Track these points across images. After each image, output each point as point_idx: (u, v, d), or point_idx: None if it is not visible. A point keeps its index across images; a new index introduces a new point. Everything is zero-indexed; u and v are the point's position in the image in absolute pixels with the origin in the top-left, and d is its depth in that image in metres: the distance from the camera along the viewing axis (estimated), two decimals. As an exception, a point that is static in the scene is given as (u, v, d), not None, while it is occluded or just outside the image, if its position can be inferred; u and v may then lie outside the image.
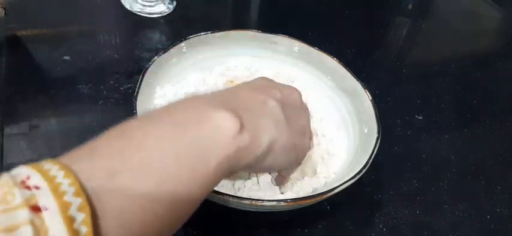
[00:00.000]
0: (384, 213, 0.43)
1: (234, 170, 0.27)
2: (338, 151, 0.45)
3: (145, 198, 0.20)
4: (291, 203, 0.34)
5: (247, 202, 0.34)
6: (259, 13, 0.74)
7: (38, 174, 0.18)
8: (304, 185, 0.41)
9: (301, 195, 0.39)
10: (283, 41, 0.52)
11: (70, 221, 0.17)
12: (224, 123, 0.25)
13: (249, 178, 0.39)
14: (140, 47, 0.60)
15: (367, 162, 0.38)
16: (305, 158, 0.40)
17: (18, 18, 0.61)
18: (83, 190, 0.18)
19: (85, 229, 0.17)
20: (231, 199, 0.33)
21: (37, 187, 0.17)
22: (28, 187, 0.17)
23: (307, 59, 0.51)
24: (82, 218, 0.17)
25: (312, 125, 0.45)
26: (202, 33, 0.49)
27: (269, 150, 0.28)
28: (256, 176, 0.40)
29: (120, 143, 0.22)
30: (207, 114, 0.25)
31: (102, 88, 0.51)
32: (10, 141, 0.42)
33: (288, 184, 0.40)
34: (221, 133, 0.24)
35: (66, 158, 0.20)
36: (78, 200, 0.18)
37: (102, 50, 0.58)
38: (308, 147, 0.36)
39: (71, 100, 0.50)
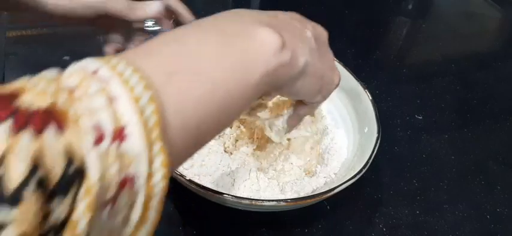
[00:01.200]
0: (384, 213, 0.43)
1: (272, 87, 0.28)
2: (338, 151, 0.45)
3: (199, 100, 0.22)
4: (291, 203, 0.34)
5: (246, 202, 0.34)
6: (259, 13, 0.74)
7: (107, 67, 0.19)
8: (304, 186, 0.41)
9: (301, 195, 0.39)
10: None
11: (141, 111, 0.18)
12: (268, 39, 0.26)
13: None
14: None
15: (367, 162, 0.38)
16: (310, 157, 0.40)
17: (18, 18, 0.61)
18: (151, 85, 0.19)
19: (154, 119, 0.19)
20: (230, 198, 0.33)
21: (109, 79, 0.18)
22: (100, 79, 0.18)
23: None
24: (152, 109, 0.19)
25: (316, 125, 0.45)
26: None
27: (303, 72, 0.30)
28: (257, 175, 0.40)
29: (175, 47, 0.23)
30: (253, 28, 0.26)
31: (102, 88, 0.51)
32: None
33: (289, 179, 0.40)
34: (266, 47, 0.26)
35: (125, 57, 0.21)
36: (148, 93, 0.19)
37: (102, 50, 0.58)
38: (336, 81, 0.37)
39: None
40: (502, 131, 0.57)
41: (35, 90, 0.17)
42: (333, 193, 0.35)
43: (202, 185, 0.34)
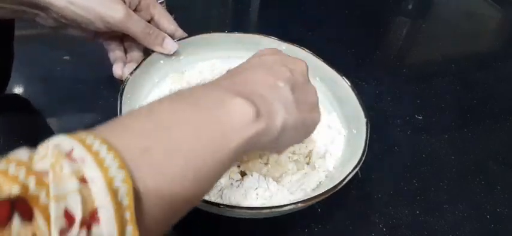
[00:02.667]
0: (383, 213, 0.43)
1: (251, 151, 0.29)
2: (332, 145, 0.45)
3: (175, 174, 0.22)
4: (308, 203, 0.34)
5: (266, 211, 0.34)
6: (259, 13, 0.74)
7: (81, 147, 0.19)
8: (307, 179, 0.41)
9: (308, 192, 0.39)
10: (265, 41, 0.51)
11: (114, 192, 0.18)
12: (242, 110, 0.26)
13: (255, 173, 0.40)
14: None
15: (364, 149, 0.38)
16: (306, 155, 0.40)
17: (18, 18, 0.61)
18: (125, 165, 0.19)
19: (127, 200, 0.18)
20: (247, 210, 0.34)
21: (83, 160, 0.18)
22: (74, 160, 0.18)
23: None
24: (125, 190, 0.18)
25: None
26: (185, 37, 0.49)
27: (281, 131, 0.30)
28: (242, 180, 0.40)
29: (149, 122, 0.23)
30: (225, 99, 0.26)
31: (102, 88, 0.51)
32: (10, 141, 0.42)
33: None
34: (240, 118, 0.26)
35: (100, 133, 0.21)
36: (122, 173, 0.19)
37: (102, 50, 0.58)
38: (317, 120, 0.37)
39: (71, 100, 0.50)
40: (502, 131, 0.57)
41: (5, 175, 0.16)
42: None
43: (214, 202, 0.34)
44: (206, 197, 0.36)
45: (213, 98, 0.27)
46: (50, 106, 0.49)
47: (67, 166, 0.18)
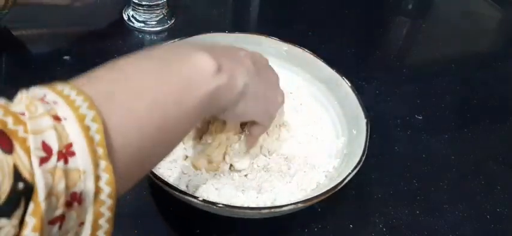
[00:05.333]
0: (384, 213, 0.43)
1: (214, 109, 0.30)
2: (329, 143, 0.45)
3: (140, 120, 0.23)
4: (308, 203, 0.34)
5: (266, 211, 0.34)
6: (259, 13, 0.74)
7: (52, 92, 0.20)
8: (307, 179, 0.41)
9: (308, 191, 0.39)
10: (266, 42, 0.51)
11: (86, 129, 0.19)
12: (204, 62, 0.28)
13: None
14: (140, 46, 0.60)
15: (364, 148, 0.39)
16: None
17: (18, 18, 0.61)
18: (94, 105, 0.20)
19: (99, 136, 0.19)
20: (250, 211, 0.34)
21: (55, 102, 0.19)
22: (47, 102, 0.19)
23: (287, 57, 0.51)
24: (96, 127, 0.19)
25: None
26: (183, 38, 0.49)
27: (243, 93, 0.31)
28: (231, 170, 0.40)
29: (113, 74, 0.24)
30: (189, 53, 0.28)
31: (102, 88, 0.51)
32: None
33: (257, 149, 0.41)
34: (202, 70, 0.27)
35: (68, 83, 0.22)
36: (92, 113, 0.20)
37: (102, 50, 0.58)
38: (281, 102, 0.39)
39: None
40: (502, 131, 0.57)
41: None
42: (344, 183, 0.35)
43: (217, 202, 0.34)
44: (206, 197, 0.36)
45: (177, 52, 0.28)
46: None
47: (41, 106, 0.19)
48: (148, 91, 0.24)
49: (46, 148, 0.18)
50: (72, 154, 0.18)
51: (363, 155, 0.38)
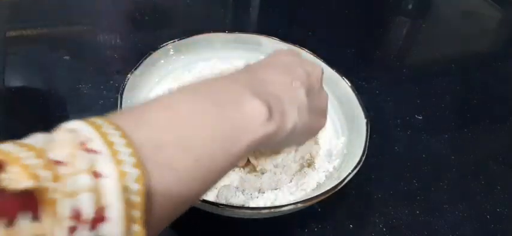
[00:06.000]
0: (384, 213, 0.43)
1: (257, 149, 0.29)
2: (332, 146, 0.45)
3: (185, 172, 0.22)
4: (309, 203, 0.34)
5: (266, 211, 0.34)
6: (259, 13, 0.74)
7: (98, 137, 0.18)
8: (307, 179, 0.40)
9: (308, 191, 0.39)
10: (266, 42, 0.51)
11: (126, 190, 0.18)
12: (256, 110, 0.27)
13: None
14: (140, 46, 0.60)
15: (364, 148, 0.38)
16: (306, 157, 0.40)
17: (18, 18, 0.61)
18: (141, 163, 0.19)
19: (138, 199, 0.18)
20: (250, 211, 0.34)
21: (98, 152, 0.18)
22: (90, 150, 0.18)
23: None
24: (137, 189, 0.18)
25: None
26: (183, 38, 0.49)
27: (290, 133, 0.30)
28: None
29: (167, 115, 0.23)
30: (242, 98, 0.27)
31: (102, 88, 0.51)
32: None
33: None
34: (253, 119, 0.26)
35: (118, 120, 0.21)
36: (137, 172, 0.18)
37: (102, 50, 0.58)
38: (323, 125, 0.37)
39: (71, 100, 0.50)
40: (502, 131, 0.57)
41: (19, 163, 0.16)
42: (344, 183, 0.35)
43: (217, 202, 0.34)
44: (206, 197, 0.36)
45: (230, 95, 0.27)
46: (50, 106, 0.49)
47: (82, 159, 0.17)
48: (198, 142, 0.23)
49: (77, 215, 0.16)
50: (105, 219, 0.17)
51: (363, 155, 0.38)
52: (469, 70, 0.69)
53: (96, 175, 0.17)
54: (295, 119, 0.30)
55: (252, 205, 0.38)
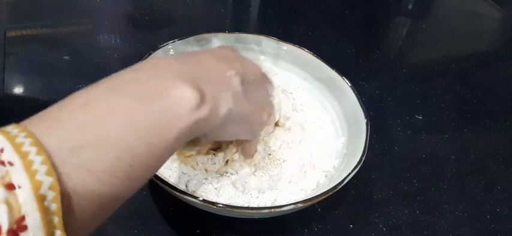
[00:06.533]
0: (384, 213, 0.43)
1: (189, 139, 0.28)
2: (328, 144, 0.45)
3: (104, 173, 0.21)
4: (309, 203, 0.34)
5: (266, 211, 0.34)
6: (259, 13, 0.74)
7: (11, 147, 0.18)
8: (307, 179, 0.41)
9: (308, 191, 0.39)
10: (266, 42, 0.51)
11: (41, 199, 0.18)
12: (184, 97, 0.26)
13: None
14: (140, 46, 0.60)
15: (364, 148, 0.39)
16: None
17: (18, 18, 0.61)
18: (54, 169, 0.19)
19: (55, 206, 0.18)
20: (251, 211, 0.34)
21: (11, 163, 0.18)
22: (2, 163, 0.18)
23: (286, 57, 0.51)
24: (52, 196, 0.18)
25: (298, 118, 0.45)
26: (184, 37, 0.49)
27: (225, 119, 0.30)
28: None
29: (84, 116, 0.22)
30: (169, 85, 0.26)
31: (102, 88, 0.51)
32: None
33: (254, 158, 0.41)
34: (181, 106, 0.25)
35: (30, 127, 0.21)
36: (50, 180, 0.18)
37: (102, 50, 0.58)
38: (264, 122, 0.37)
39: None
40: (502, 131, 0.57)
41: None
42: (344, 183, 0.35)
43: (218, 203, 0.34)
44: (206, 197, 0.36)
45: (156, 85, 0.26)
46: (49, 106, 0.49)
47: None
48: (118, 139, 0.22)
49: None
50: (24, 228, 0.17)
51: (363, 155, 0.38)
52: (469, 70, 0.69)
53: (10, 187, 0.17)
54: (230, 104, 0.30)
55: (252, 205, 0.38)
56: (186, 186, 0.39)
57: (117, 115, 0.23)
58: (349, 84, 0.46)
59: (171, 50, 0.48)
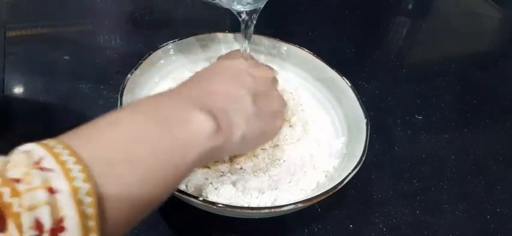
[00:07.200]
0: (384, 213, 0.43)
1: (208, 161, 0.32)
2: (328, 145, 0.45)
3: (134, 184, 0.24)
4: (309, 203, 0.34)
5: (266, 211, 0.34)
6: (259, 13, 0.74)
7: (50, 157, 0.20)
8: (307, 179, 0.40)
9: (308, 191, 0.39)
10: (266, 42, 0.51)
11: (79, 203, 0.20)
12: (202, 125, 0.28)
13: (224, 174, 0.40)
14: (140, 46, 0.60)
15: (364, 148, 0.39)
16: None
17: (18, 18, 0.61)
18: (91, 177, 0.21)
19: (91, 210, 0.20)
20: (251, 211, 0.34)
21: (51, 170, 0.20)
22: (43, 169, 0.20)
23: (286, 57, 0.51)
24: (89, 201, 0.20)
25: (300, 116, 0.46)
26: (184, 37, 0.49)
27: (239, 143, 0.32)
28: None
29: (112, 134, 0.25)
30: (188, 114, 0.28)
31: (102, 88, 0.51)
32: (10, 141, 0.42)
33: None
34: (199, 134, 0.28)
35: (68, 140, 0.22)
36: (87, 186, 0.20)
37: (102, 50, 0.58)
38: (279, 128, 0.38)
39: (71, 100, 0.50)
40: (502, 131, 0.57)
41: None
42: (344, 183, 0.35)
43: (216, 202, 0.34)
44: (206, 197, 0.36)
45: (175, 113, 0.28)
46: (50, 106, 0.49)
47: (37, 176, 0.19)
48: (145, 160, 0.25)
49: (39, 225, 0.18)
50: (63, 229, 0.19)
51: (363, 155, 0.38)
52: (469, 70, 0.69)
53: (51, 190, 0.19)
54: (243, 129, 0.31)
55: (252, 205, 0.38)
56: (186, 186, 0.39)
57: (142, 141, 0.25)
58: (349, 84, 0.46)
59: (171, 50, 0.48)
